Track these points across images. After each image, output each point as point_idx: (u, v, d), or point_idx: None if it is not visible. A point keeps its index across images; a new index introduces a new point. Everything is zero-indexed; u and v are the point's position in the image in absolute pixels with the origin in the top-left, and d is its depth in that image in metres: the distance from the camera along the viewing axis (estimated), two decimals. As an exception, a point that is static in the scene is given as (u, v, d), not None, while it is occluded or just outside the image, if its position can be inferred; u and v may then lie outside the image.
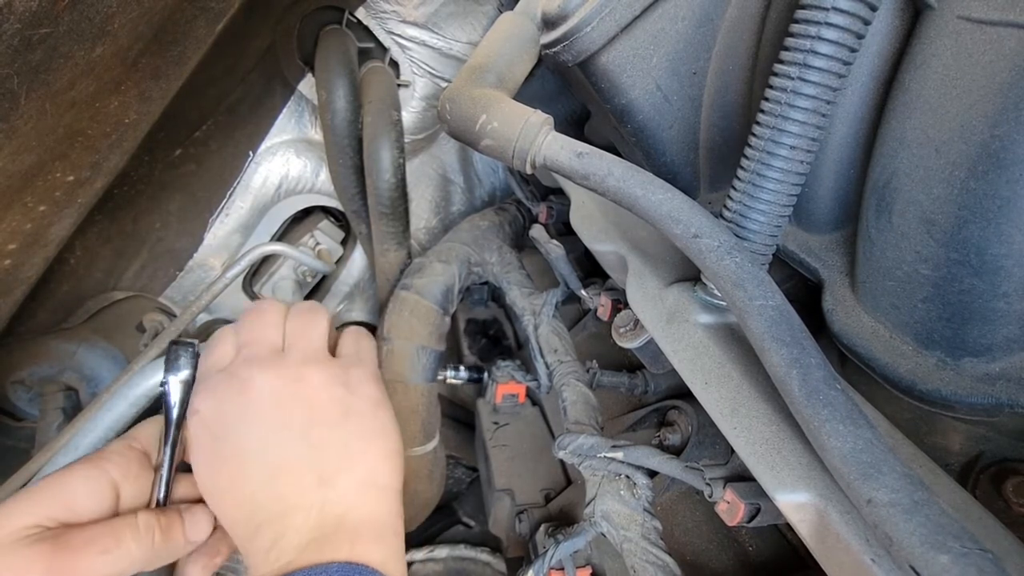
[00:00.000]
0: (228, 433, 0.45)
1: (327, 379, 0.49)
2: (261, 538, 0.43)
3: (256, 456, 0.45)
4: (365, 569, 0.40)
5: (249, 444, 0.45)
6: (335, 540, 0.42)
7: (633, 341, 0.63)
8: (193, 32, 0.60)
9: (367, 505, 0.46)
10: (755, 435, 0.45)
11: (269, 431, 0.46)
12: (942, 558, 0.30)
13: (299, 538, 0.42)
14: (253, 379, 0.47)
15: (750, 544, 0.65)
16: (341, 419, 0.48)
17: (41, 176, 0.54)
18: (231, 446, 0.45)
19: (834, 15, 0.42)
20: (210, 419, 0.46)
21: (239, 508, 0.44)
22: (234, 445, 0.45)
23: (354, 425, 0.48)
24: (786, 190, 0.49)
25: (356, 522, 0.44)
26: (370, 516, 0.45)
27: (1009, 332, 0.43)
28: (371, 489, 0.47)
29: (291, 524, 0.43)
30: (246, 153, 0.99)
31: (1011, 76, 0.36)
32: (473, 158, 1.27)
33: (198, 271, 1.02)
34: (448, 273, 0.89)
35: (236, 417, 0.46)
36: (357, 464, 0.47)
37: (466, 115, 0.54)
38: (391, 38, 0.99)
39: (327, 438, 0.47)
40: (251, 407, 0.46)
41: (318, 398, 0.48)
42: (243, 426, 0.46)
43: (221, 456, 0.45)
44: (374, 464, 0.48)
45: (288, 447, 0.45)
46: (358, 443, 0.48)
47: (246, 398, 0.46)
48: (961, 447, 0.49)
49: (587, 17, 0.52)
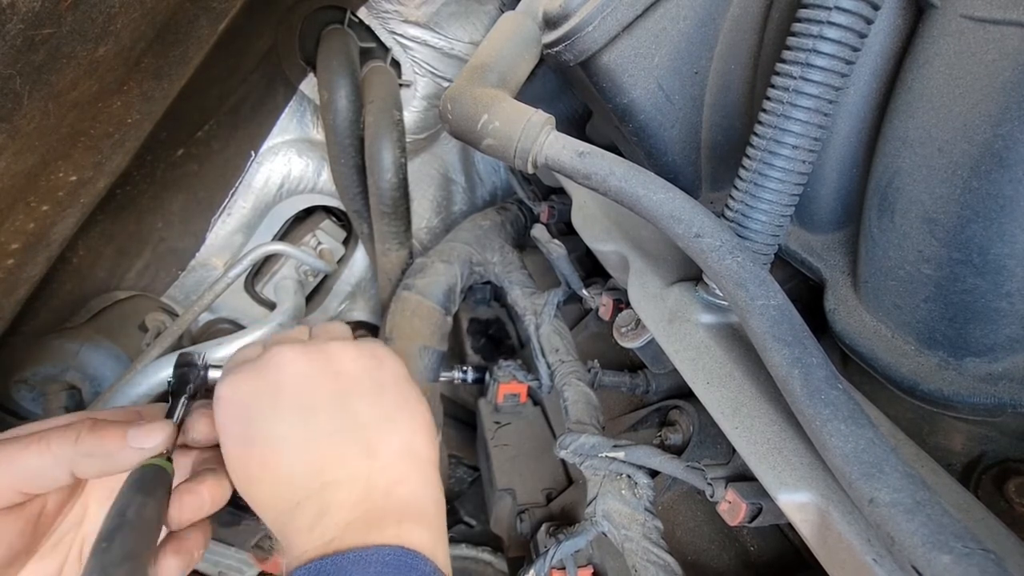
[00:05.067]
0: (256, 416, 0.43)
1: (356, 353, 0.48)
2: (301, 516, 0.40)
3: (291, 434, 0.43)
4: (417, 557, 0.38)
5: (282, 424, 0.43)
6: (383, 518, 0.40)
7: (634, 341, 0.63)
8: (195, 32, 0.60)
9: (411, 477, 0.44)
10: (757, 435, 0.45)
11: (303, 407, 0.44)
12: (944, 558, 0.30)
13: (344, 513, 0.40)
14: (282, 360, 0.45)
15: (751, 544, 0.65)
16: (376, 390, 0.47)
17: (44, 176, 0.55)
18: (262, 428, 0.43)
19: (837, 14, 0.42)
20: (237, 403, 0.43)
21: (275, 491, 0.42)
22: (265, 427, 0.43)
23: (389, 396, 0.47)
24: (788, 190, 0.49)
25: (403, 498, 0.42)
26: (415, 491, 0.43)
27: (1012, 332, 0.43)
28: (413, 460, 0.45)
29: (335, 499, 0.41)
30: (248, 153, 0.99)
31: (1014, 75, 0.36)
32: (475, 158, 1.27)
33: (200, 270, 1.02)
34: (450, 273, 0.90)
35: (266, 399, 0.44)
36: (396, 434, 0.45)
37: (468, 115, 0.54)
38: (393, 38, 0.99)
39: (365, 409, 0.45)
40: (282, 387, 0.44)
41: (350, 371, 0.47)
42: (274, 407, 0.43)
43: (251, 440, 0.43)
44: (411, 435, 0.46)
45: (325, 421, 0.44)
46: (396, 413, 0.46)
47: (275, 378, 0.44)
48: (963, 447, 0.49)
49: (589, 16, 0.52)
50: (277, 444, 0.43)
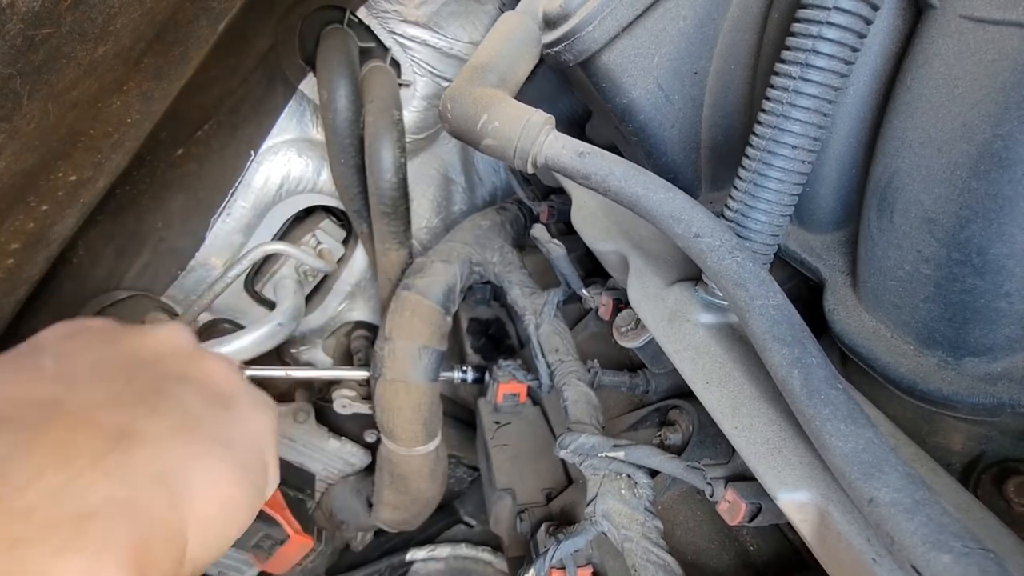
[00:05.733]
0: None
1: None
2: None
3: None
4: None
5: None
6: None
7: (634, 341, 0.63)
8: (195, 32, 0.60)
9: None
10: (756, 434, 0.45)
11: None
12: (944, 558, 0.30)
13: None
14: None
15: (751, 544, 0.65)
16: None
17: (44, 176, 0.55)
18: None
19: (836, 14, 0.42)
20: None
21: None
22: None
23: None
24: (788, 190, 0.49)
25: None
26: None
27: (1011, 332, 0.43)
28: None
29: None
30: (248, 152, 0.99)
31: (1013, 75, 0.36)
32: (474, 157, 1.27)
33: (200, 270, 1.02)
34: (450, 273, 0.90)
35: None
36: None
37: (468, 114, 0.54)
38: (392, 37, 0.99)
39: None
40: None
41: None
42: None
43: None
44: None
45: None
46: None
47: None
48: (963, 447, 0.49)
49: (588, 16, 0.52)
50: None
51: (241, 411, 0.31)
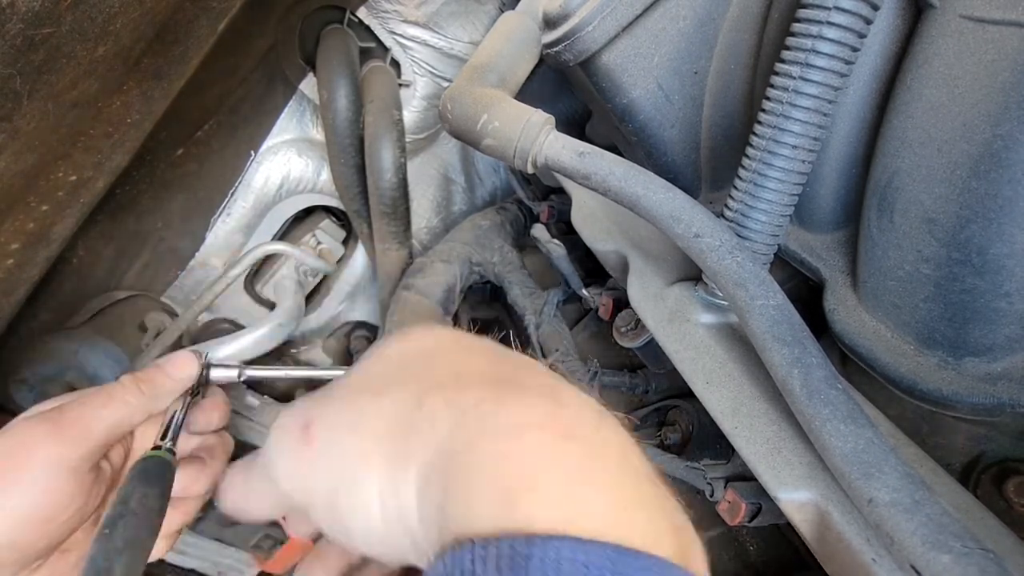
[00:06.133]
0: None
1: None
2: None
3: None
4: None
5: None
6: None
7: (634, 341, 0.63)
8: (195, 32, 0.60)
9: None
10: (756, 434, 0.45)
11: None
12: (943, 558, 0.30)
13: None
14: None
15: (751, 543, 0.65)
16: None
17: (44, 176, 0.55)
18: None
19: (836, 14, 0.42)
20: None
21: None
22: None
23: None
24: (788, 190, 0.49)
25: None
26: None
27: (1011, 332, 0.43)
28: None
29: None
30: (248, 153, 0.99)
31: (1013, 75, 0.36)
32: (474, 157, 1.27)
33: (200, 270, 1.02)
34: (450, 273, 0.90)
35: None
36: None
37: (468, 114, 0.54)
38: (392, 38, 0.99)
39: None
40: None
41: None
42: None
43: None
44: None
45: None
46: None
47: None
48: (962, 447, 0.49)
49: (588, 16, 0.52)
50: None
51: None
